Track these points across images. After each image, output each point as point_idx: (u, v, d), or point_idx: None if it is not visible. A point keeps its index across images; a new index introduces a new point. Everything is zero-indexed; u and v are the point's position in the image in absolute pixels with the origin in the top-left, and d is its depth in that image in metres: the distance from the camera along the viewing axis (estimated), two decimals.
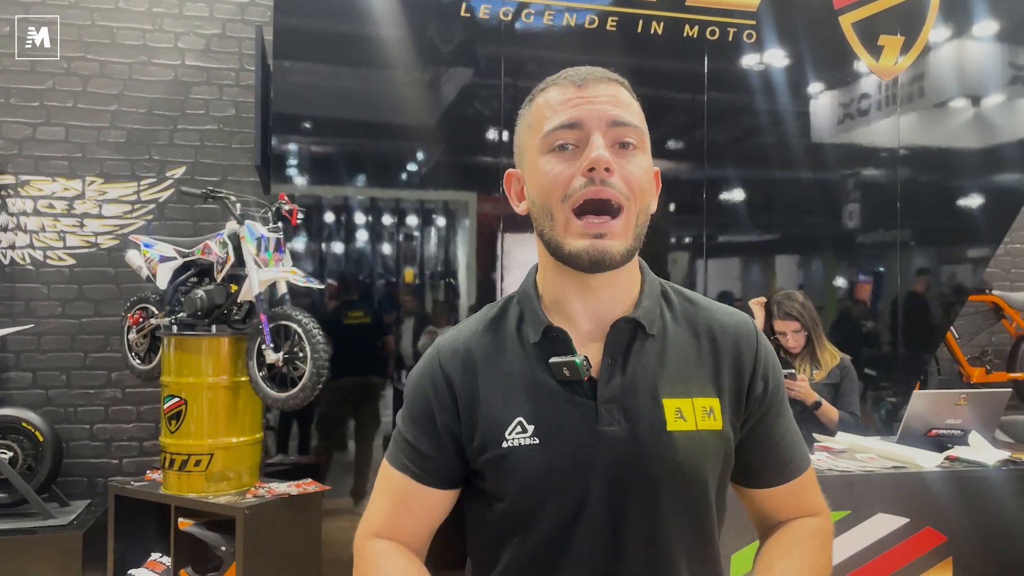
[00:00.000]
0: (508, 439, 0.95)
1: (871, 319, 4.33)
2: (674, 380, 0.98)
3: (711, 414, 0.97)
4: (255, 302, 2.95)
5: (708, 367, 1.00)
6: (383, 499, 1.05)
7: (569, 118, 0.94)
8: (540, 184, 0.95)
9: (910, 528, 2.50)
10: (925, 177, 4.29)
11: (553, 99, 0.97)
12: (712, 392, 0.99)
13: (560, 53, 3.80)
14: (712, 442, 0.97)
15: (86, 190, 4.13)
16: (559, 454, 0.94)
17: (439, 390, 1.01)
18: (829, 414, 3.21)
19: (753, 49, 3.94)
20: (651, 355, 0.98)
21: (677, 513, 0.96)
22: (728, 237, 4.15)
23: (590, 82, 0.97)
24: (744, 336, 1.03)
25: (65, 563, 3.36)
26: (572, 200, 0.93)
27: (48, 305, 4.08)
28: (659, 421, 0.95)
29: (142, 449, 4.15)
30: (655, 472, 0.94)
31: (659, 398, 0.96)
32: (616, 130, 0.95)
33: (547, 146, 0.96)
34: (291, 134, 3.59)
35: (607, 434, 0.94)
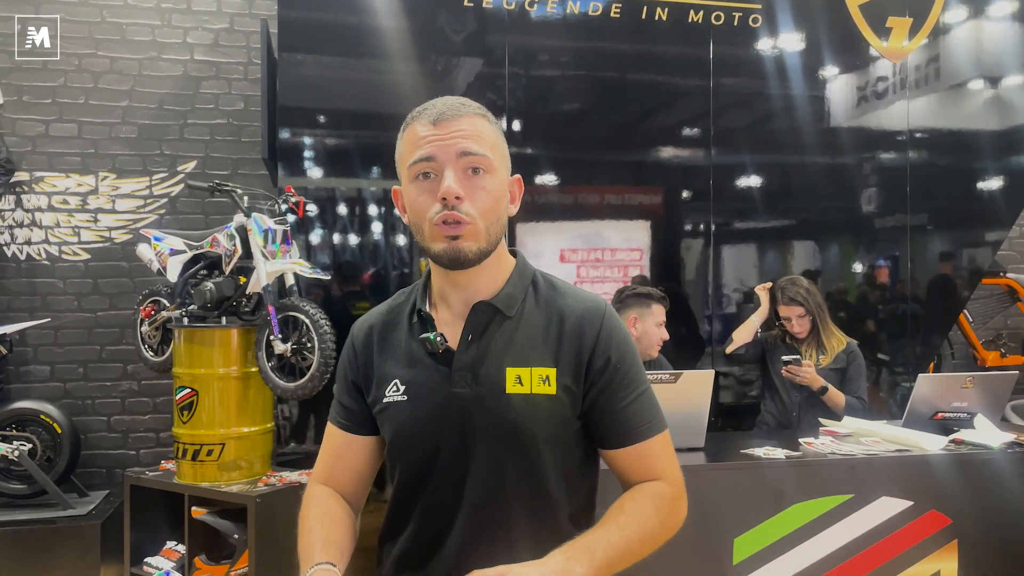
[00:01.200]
0: (387, 395, 1.22)
1: (884, 303, 4.31)
2: (519, 353, 1.19)
3: (546, 381, 1.17)
4: (263, 294, 2.98)
5: (551, 343, 1.20)
6: (324, 450, 1.33)
7: (426, 153, 1.15)
8: (411, 207, 1.19)
9: (914, 511, 2.50)
10: (938, 160, 4.25)
11: (414, 135, 1.18)
12: (550, 363, 1.18)
13: (566, 41, 3.80)
14: (545, 405, 1.17)
15: (99, 185, 4.19)
16: (420, 408, 1.19)
17: (350, 357, 1.30)
18: (836, 399, 3.21)
19: (759, 34, 3.91)
20: (505, 332, 1.20)
21: (512, 461, 1.16)
22: (741, 223, 4.14)
23: (443, 120, 1.16)
24: (588, 318, 1.22)
25: (84, 553, 3.43)
26: (432, 221, 1.15)
27: (64, 299, 4.15)
28: (500, 385, 1.16)
29: (159, 440, 4.21)
30: (493, 426, 1.16)
31: (503, 367, 1.17)
32: (466, 159, 1.15)
33: (412, 175, 1.17)
34: (298, 127, 3.61)
35: (457, 394, 1.17)
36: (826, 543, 2.46)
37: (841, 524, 2.45)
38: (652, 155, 4.00)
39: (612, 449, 1.23)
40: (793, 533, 2.45)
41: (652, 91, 3.98)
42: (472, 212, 1.14)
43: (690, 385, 2.58)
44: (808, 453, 2.60)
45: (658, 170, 4.03)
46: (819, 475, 2.49)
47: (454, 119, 1.16)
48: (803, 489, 2.47)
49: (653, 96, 4.00)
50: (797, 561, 2.45)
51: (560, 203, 3.91)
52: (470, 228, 1.14)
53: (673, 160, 4.05)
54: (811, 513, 2.46)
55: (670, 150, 4.07)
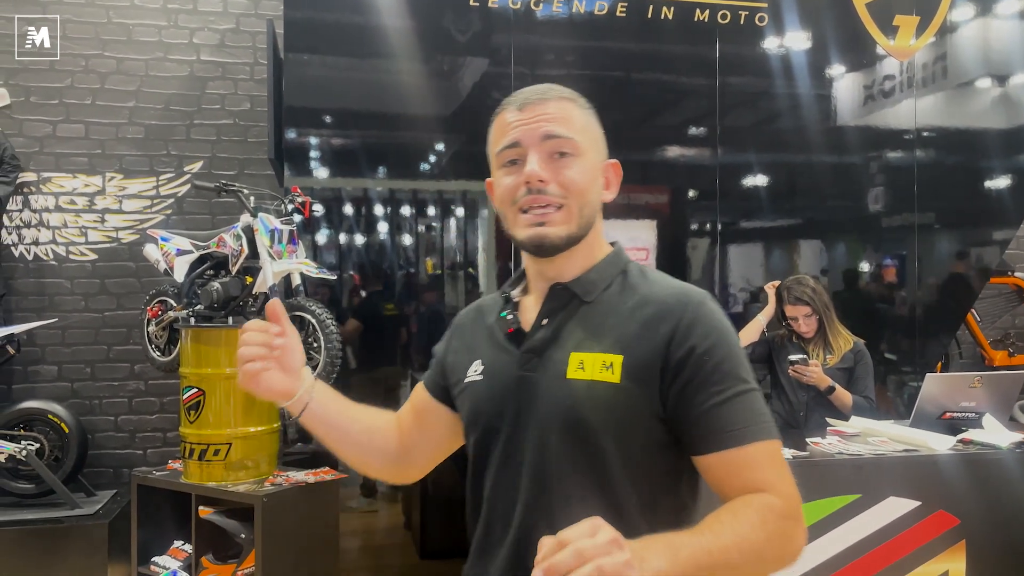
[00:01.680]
0: (468, 376, 1.22)
1: (891, 302, 4.29)
2: (588, 338, 1.13)
3: (609, 368, 1.08)
4: (269, 293, 2.99)
5: (623, 329, 1.11)
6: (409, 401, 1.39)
7: (511, 139, 1.15)
8: (497, 194, 1.18)
9: (922, 511, 2.49)
10: (945, 158, 4.24)
11: (502, 122, 1.17)
12: (617, 350, 1.09)
13: (571, 40, 3.79)
14: (607, 394, 1.07)
15: (106, 186, 4.20)
16: (491, 388, 1.18)
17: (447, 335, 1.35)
18: (843, 399, 3.20)
19: (765, 33, 3.91)
20: (578, 317, 1.15)
21: (566, 448, 1.09)
22: (747, 223, 4.13)
23: (529, 104, 1.15)
24: (672, 305, 1.12)
25: (91, 552, 3.44)
26: (517, 205, 1.14)
27: (71, 299, 4.16)
28: (562, 369, 1.11)
29: (166, 439, 4.23)
30: (550, 411, 1.10)
31: (568, 351, 1.12)
32: (551, 142, 1.13)
33: (499, 162, 1.17)
34: (304, 127, 3.61)
35: (523, 377, 1.14)
36: (833, 543, 2.46)
37: (848, 524, 2.45)
38: (658, 154, 4.00)
39: (699, 455, 1.06)
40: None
41: (658, 90, 3.98)
42: (560, 193, 1.12)
43: None
44: (815, 453, 2.59)
45: (664, 169, 4.03)
46: (826, 475, 2.48)
47: (539, 103, 1.14)
48: (810, 489, 2.46)
49: (659, 95, 4.00)
50: (805, 561, 2.43)
51: None
52: (559, 212, 1.12)
53: (679, 159, 4.05)
54: (818, 513, 2.45)
55: (676, 149, 4.07)
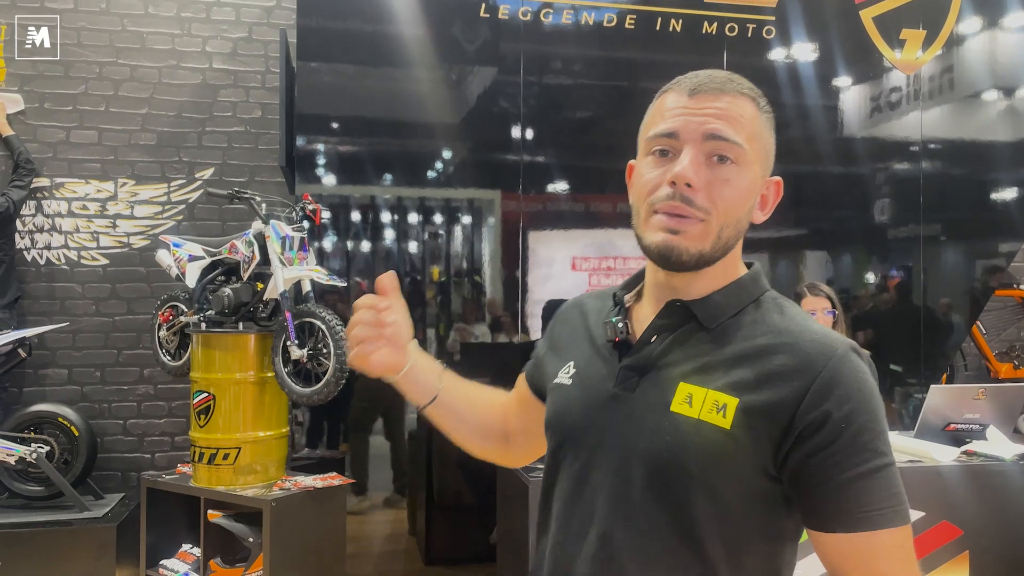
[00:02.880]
0: (559, 376, 1.12)
1: (896, 314, 4.31)
2: (702, 370, 0.97)
3: (722, 411, 0.93)
4: (280, 300, 3.02)
5: (747, 371, 0.95)
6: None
7: (669, 128, 0.99)
8: (636, 183, 1.04)
9: (926, 522, 2.51)
10: (952, 170, 4.27)
11: (666, 104, 1.02)
12: (734, 392, 0.94)
13: (579, 50, 3.83)
14: (713, 438, 0.93)
15: (118, 192, 4.25)
16: (578, 398, 1.06)
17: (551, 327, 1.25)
18: None
19: (772, 45, 3.94)
20: (693, 343, 1.00)
21: (652, 487, 0.95)
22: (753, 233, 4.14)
23: (701, 93, 0.99)
24: (810, 356, 0.94)
25: (100, 554, 3.47)
26: (653, 204, 0.99)
27: (82, 304, 4.20)
28: (666, 399, 0.97)
29: (174, 444, 4.26)
30: (643, 443, 0.96)
31: (677, 380, 0.97)
32: (713, 143, 0.97)
33: (648, 149, 1.02)
34: (315, 134, 3.66)
35: (616, 395, 1.02)
36: None
37: None
38: None
39: (818, 531, 0.93)
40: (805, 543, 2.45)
41: None
42: (706, 206, 0.96)
43: None
44: None
45: None
46: None
47: (713, 94, 0.99)
48: None
49: None
50: (808, 571, 2.45)
51: (572, 211, 3.94)
52: (698, 226, 0.97)
53: None
54: None
55: None
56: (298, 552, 3.02)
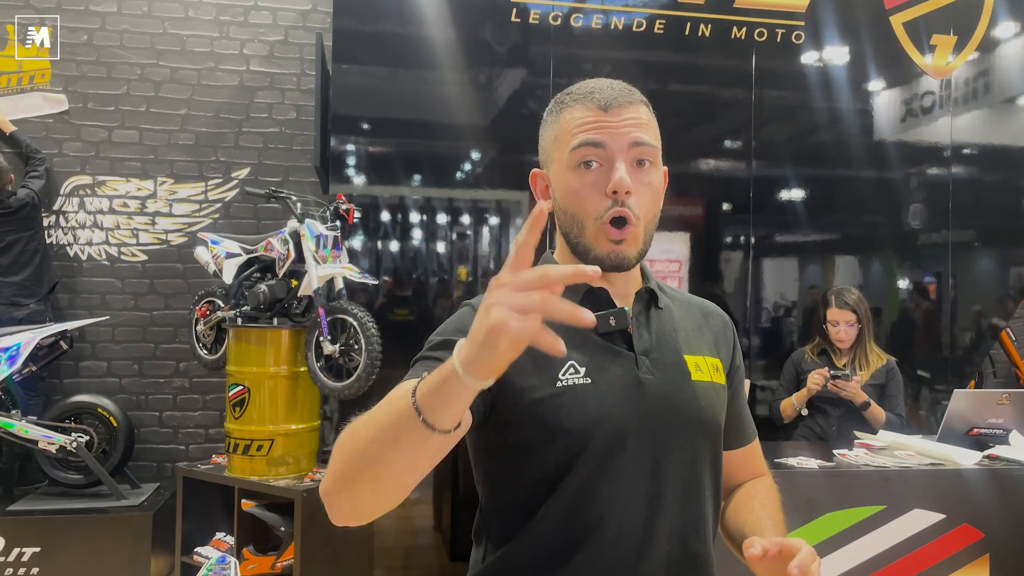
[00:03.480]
0: (562, 379, 1.04)
1: (926, 319, 4.30)
2: (688, 341, 1.14)
3: (718, 370, 1.15)
4: (314, 296, 3.10)
5: (708, 336, 1.18)
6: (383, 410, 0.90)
7: (595, 138, 1.05)
8: (571, 198, 1.07)
9: (946, 524, 2.52)
10: (983, 176, 4.24)
11: (579, 118, 1.07)
12: (715, 354, 1.16)
13: (609, 52, 3.86)
14: (721, 394, 1.14)
15: (157, 190, 4.37)
16: (609, 392, 1.05)
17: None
18: (877, 415, 3.21)
19: (801, 50, 3.95)
20: (665, 320, 1.14)
21: (705, 453, 1.10)
22: (782, 237, 4.17)
23: (614, 108, 1.07)
24: (726, 318, 1.25)
25: (136, 541, 3.57)
26: (603, 219, 1.05)
27: (122, 298, 4.33)
28: (683, 372, 1.10)
29: (207, 436, 4.37)
30: (686, 416, 1.08)
31: (680, 354, 1.11)
32: (636, 150, 1.06)
33: (574, 161, 1.07)
34: (349, 135, 3.73)
35: (645, 380, 1.07)
36: (858, 553, 2.49)
37: (873, 535, 2.48)
38: (693, 167, 4.06)
39: (733, 449, 1.22)
40: (825, 542, 2.48)
41: (694, 103, 4.04)
42: (637, 212, 1.06)
43: None
44: (841, 464, 2.63)
45: (698, 182, 4.08)
46: (852, 485, 2.52)
47: (626, 107, 1.07)
48: (836, 499, 2.50)
49: (695, 108, 4.06)
50: (829, 570, 2.48)
51: None
52: (633, 231, 1.06)
53: (714, 172, 4.10)
54: (843, 523, 2.49)
55: (711, 162, 4.12)
56: (328, 543, 3.10)
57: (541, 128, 1.16)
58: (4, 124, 4.18)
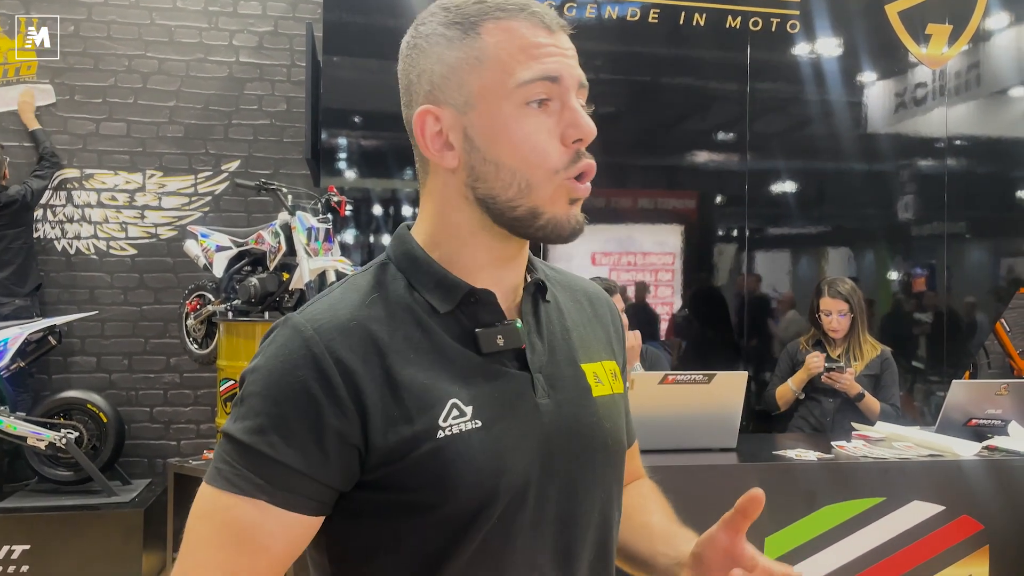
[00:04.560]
0: (443, 427, 0.77)
1: (920, 311, 4.29)
2: (582, 345, 0.90)
3: (616, 377, 0.93)
4: (306, 290, 3.07)
5: (599, 332, 0.95)
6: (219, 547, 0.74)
7: (550, 71, 0.79)
8: (519, 146, 0.79)
9: (946, 516, 2.51)
10: (977, 168, 4.24)
11: (522, 36, 0.79)
12: (610, 355, 0.94)
13: (602, 44, 3.84)
14: (622, 404, 0.94)
15: (146, 183, 4.32)
16: (503, 435, 0.80)
17: (331, 381, 0.75)
18: (871, 406, 3.21)
19: (797, 39, 3.93)
20: (554, 320, 0.89)
21: (611, 476, 0.89)
22: (776, 229, 4.16)
23: (558, 30, 0.81)
24: (609, 302, 1.00)
25: (126, 537, 3.54)
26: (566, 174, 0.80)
27: (111, 293, 4.28)
28: (583, 388, 0.87)
29: (199, 431, 4.33)
30: (591, 444, 0.86)
31: (578, 364, 0.88)
32: (582, 91, 0.83)
33: (522, 98, 0.79)
34: (340, 128, 3.69)
35: (543, 405, 0.83)
36: (857, 545, 2.48)
37: (872, 527, 2.47)
38: (686, 159, 4.04)
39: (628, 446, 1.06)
40: (824, 534, 2.47)
41: (687, 95, 4.02)
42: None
43: (723, 386, 2.61)
44: (840, 456, 2.62)
45: (692, 174, 4.06)
46: (851, 478, 2.50)
47: (565, 31, 0.83)
48: (834, 491, 2.48)
49: (688, 100, 4.03)
50: (828, 562, 2.47)
51: (593, 206, 3.94)
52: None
53: (708, 164, 4.08)
54: (842, 515, 2.48)
55: (704, 154, 4.10)
56: None
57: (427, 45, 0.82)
58: (28, 119, 4.11)
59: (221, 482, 0.75)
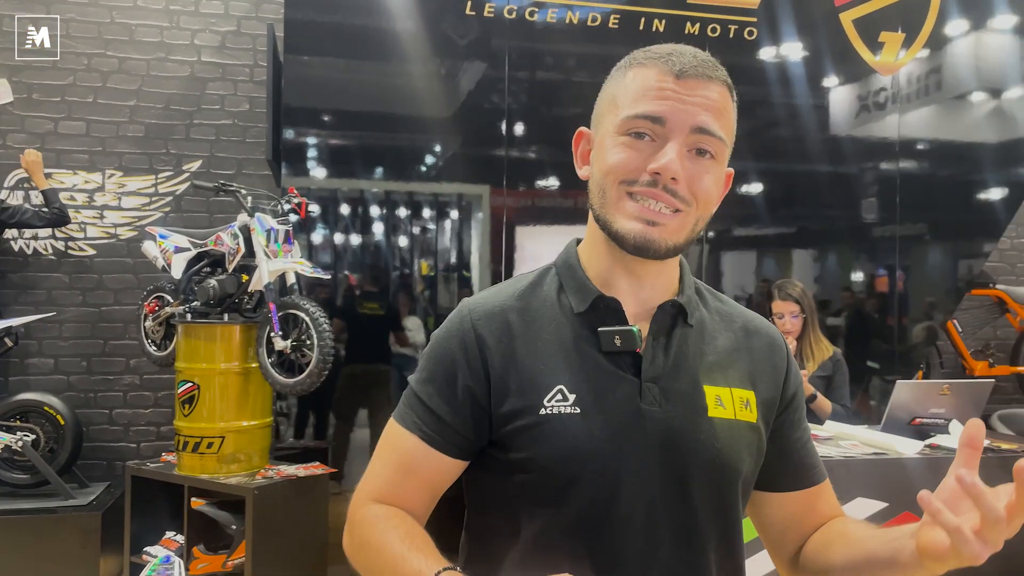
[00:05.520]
0: (546, 406, 0.92)
1: (876, 312, 4.39)
2: (713, 369, 0.98)
3: (748, 406, 0.98)
4: (265, 291, 3.07)
5: (744, 362, 1.01)
6: (387, 462, 0.99)
7: (655, 111, 0.91)
8: (605, 164, 0.94)
9: (889, 512, 2.58)
10: (930, 171, 4.34)
11: (647, 80, 0.93)
12: (748, 385, 1.00)
13: (568, 46, 3.87)
14: (747, 433, 0.97)
15: (106, 183, 4.28)
16: (601, 425, 0.91)
17: (469, 351, 0.96)
18: (823, 406, 3.28)
19: (754, 46, 4.00)
20: (691, 342, 0.99)
21: (709, 499, 0.95)
22: (740, 230, 4.23)
23: (691, 78, 0.91)
24: (777, 339, 1.06)
25: (84, 541, 3.51)
26: (630, 188, 0.92)
27: (69, 294, 4.23)
28: (700, 406, 0.95)
29: (159, 433, 4.30)
30: (694, 456, 0.93)
31: (700, 384, 0.96)
32: (697, 136, 0.92)
33: (624, 128, 0.93)
34: (302, 127, 3.69)
35: (649, 412, 0.93)
36: None
37: None
38: None
39: (794, 491, 1.05)
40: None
41: None
42: (687, 198, 0.92)
43: None
44: None
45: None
46: None
47: (703, 82, 0.92)
48: None
49: None
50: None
51: (561, 207, 3.99)
52: (677, 218, 0.92)
53: None
54: None
55: None
56: (280, 540, 3.07)
57: (604, 83, 1.01)
58: (38, 179, 3.86)
59: (398, 417, 1.00)
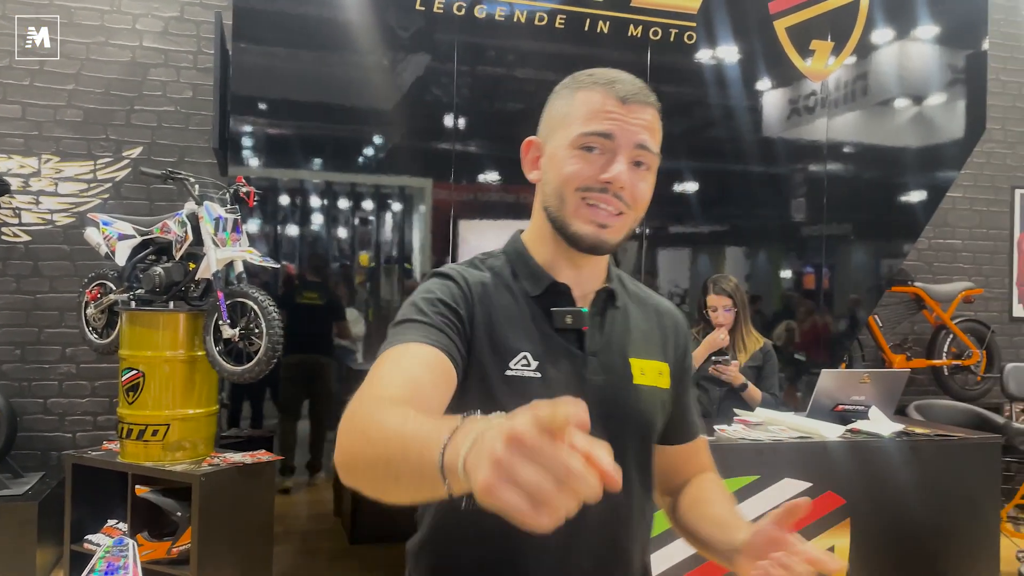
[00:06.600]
0: (512, 367, 1.08)
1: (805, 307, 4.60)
2: (636, 344, 1.18)
3: (662, 375, 1.20)
4: (212, 280, 3.07)
5: (657, 338, 1.23)
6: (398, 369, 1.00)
7: (605, 128, 1.08)
8: (561, 173, 1.11)
9: (813, 491, 2.75)
10: (854, 173, 4.57)
11: (595, 103, 1.10)
12: (661, 358, 1.21)
13: (513, 42, 3.94)
14: (662, 399, 1.19)
15: (42, 168, 4.19)
16: (557, 390, 0.99)
17: (466, 294, 1.11)
18: (753, 395, 3.46)
19: (694, 49, 4.15)
20: (619, 322, 1.19)
21: (634, 452, 1.15)
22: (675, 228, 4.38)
23: (633, 104, 1.10)
24: (679, 319, 1.29)
25: (21, 531, 3.46)
26: (585, 196, 1.09)
27: (3, 281, 4.14)
28: (628, 376, 1.15)
29: (96, 423, 4.24)
30: (625, 417, 1.14)
31: (627, 357, 1.16)
32: (638, 151, 1.10)
33: (577, 143, 1.10)
34: (250, 116, 3.67)
35: (591, 381, 1.12)
36: None
37: (748, 502, 2.69)
38: None
39: (677, 444, 1.27)
40: None
41: None
42: (630, 203, 1.10)
43: None
44: (721, 439, 2.83)
45: None
46: (729, 458, 2.71)
47: (641, 106, 1.10)
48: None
49: None
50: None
51: (503, 201, 4.06)
52: (620, 220, 1.11)
53: None
54: None
55: None
56: (226, 527, 3.09)
57: (550, 98, 1.19)
58: None
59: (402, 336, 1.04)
